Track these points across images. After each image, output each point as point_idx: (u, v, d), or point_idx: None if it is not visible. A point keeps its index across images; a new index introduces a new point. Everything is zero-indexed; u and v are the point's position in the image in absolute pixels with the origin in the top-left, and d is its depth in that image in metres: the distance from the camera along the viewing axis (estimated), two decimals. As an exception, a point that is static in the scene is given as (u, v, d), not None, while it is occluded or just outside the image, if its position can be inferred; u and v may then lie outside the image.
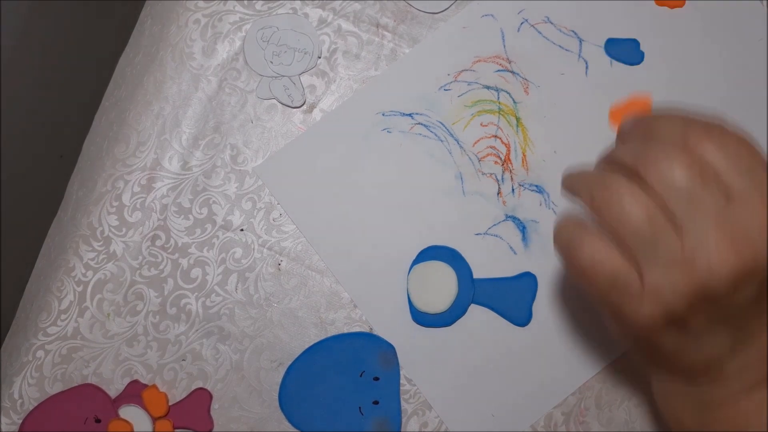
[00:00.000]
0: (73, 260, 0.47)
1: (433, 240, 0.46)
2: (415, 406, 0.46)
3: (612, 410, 0.45)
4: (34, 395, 0.46)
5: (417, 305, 0.45)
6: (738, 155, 0.30)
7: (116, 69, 0.49)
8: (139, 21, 0.49)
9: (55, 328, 0.46)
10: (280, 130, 0.47)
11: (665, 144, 0.30)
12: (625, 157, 0.31)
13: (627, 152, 0.31)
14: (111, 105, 0.49)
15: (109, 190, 0.47)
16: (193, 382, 0.46)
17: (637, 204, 0.30)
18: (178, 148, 0.47)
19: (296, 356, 0.46)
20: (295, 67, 0.47)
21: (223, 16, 0.47)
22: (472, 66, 0.47)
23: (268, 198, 0.47)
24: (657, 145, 0.31)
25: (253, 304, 0.46)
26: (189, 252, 0.46)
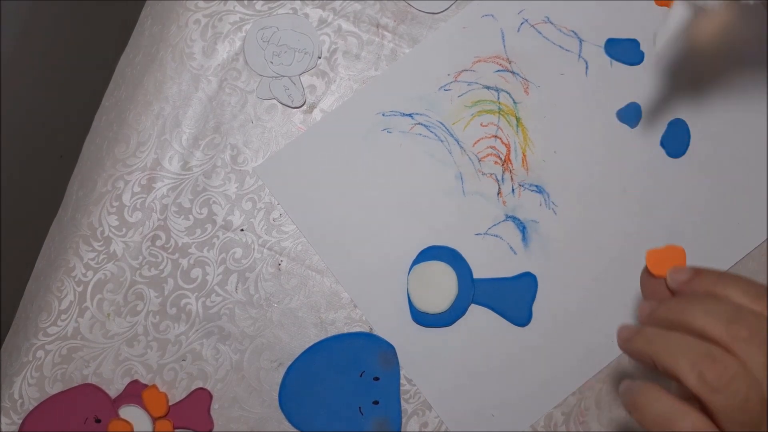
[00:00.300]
0: (73, 260, 0.47)
1: (433, 240, 0.46)
2: (415, 406, 0.46)
3: (612, 410, 0.45)
4: (34, 395, 0.46)
5: (417, 305, 0.45)
6: None
7: (116, 69, 0.49)
8: (139, 21, 0.49)
9: (55, 328, 0.46)
10: (280, 130, 0.47)
11: (749, 320, 0.30)
12: (710, 328, 0.31)
13: (709, 321, 0.31)
14: (111, 105, 0.49)
15: (109, 190, 0.47)
16: (193, 382, 0.46)
17: (753, 389, 0.30)
18: (178, 148, 0.47)
19: (296, 356, 0.46)
20: (295, 67, 0.47)
21: (223, 17, 0.47)
22: (472, 66, 0.47)
23: (268, 198, 0.47)
24: (742, 320, 0.30)
25: (253, 304, 0.46)
26: (189, 252, 0.46)
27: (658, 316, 0.34)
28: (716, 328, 0.30)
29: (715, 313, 0.31)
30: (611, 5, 0.47)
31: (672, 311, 0.33)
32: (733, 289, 0.32)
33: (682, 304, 0.33)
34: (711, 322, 0.31)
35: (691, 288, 0.34)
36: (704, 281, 0.33)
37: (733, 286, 0.32)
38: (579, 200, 0.46)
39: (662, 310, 0.33)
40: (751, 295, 0.32)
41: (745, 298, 0.32)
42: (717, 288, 0.33)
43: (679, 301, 0.33)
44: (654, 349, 0.32)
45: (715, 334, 0.30)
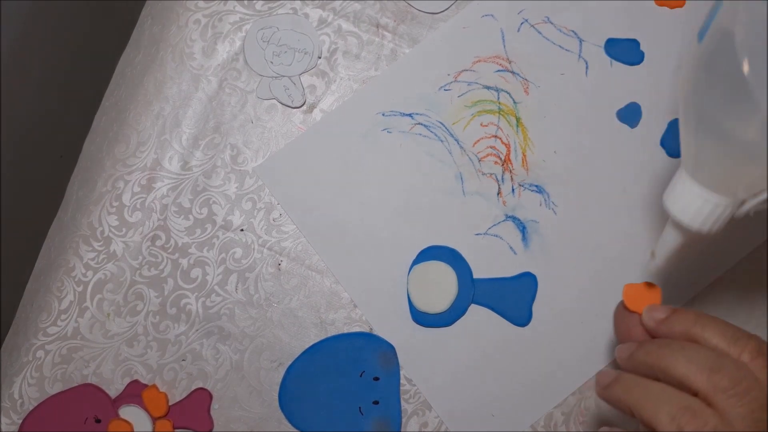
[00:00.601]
0: (73, 260, 0.47)
1: (433, 240, 0.46)
2: (415, 406, 0.46)
3: (612, 410, 0.45)
4: (34, 395, 0.46)
5: (417, 305, 0.45)
6: None
7: (116, 69, 0.49)
8: (139, 21, 0.49)
9: (55, 328, 0.46)
10: (280, 130, 0.47)
11: (730, 369, 0.30)
12: (692, 377, 0.31)
13: (691, 369, 0.31)
14: (111, 105, 0.49)
15: (109, 190, 0.47)
16: (193, 382, 0.46)
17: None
18: (178, 148, 0.47)
19: (296, 356, 0.46)
20: (295, 67, 0.47)
21: (223, 16, 0.47)
22: (472, 66, 0.47)
23: (268, 198, 0.47)
24: (723, 369, 0.30)
25: (253, 304, 0.46)
26: (189, 252, 0.46)
27: (637, 359, 0.34)
28: (698, 377, 0.30)
29: (697, 361, 0.31)
30: (611, 5, 0.47)
31: (651, 355, 0.33)
32: (711, 332, 0.32)
33: (663, 349, 0.32)
34: (693, 370, 0.31)
35: (668, 328, 0.34)
36: (681, 322, 0.33)
37: (710, 328, 0.32)
38: (579, 200, 0.46)
39: (641, 354, 0.33)
40: (728, 338, 0.32)
41: (722, 341, 0.32)
42: (694, 330, 0.32)
43: (660, 345, 0.33)
44: (633, 398, 0.32)
45: (696, 384, 0.30)
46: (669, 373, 0.31)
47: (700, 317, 0.33)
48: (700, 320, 0.33)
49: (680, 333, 0.33)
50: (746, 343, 0.31)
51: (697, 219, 0.31)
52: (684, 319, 0.33)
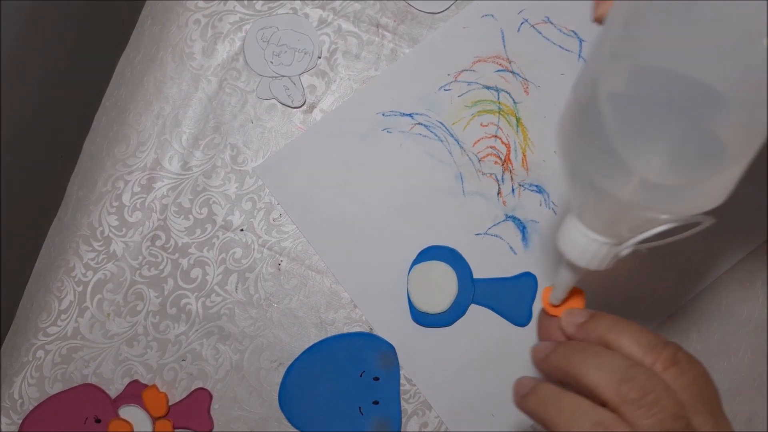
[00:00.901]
0: (73, 260, 0.47)
1: (433, 240, 0.46)
2: (415, 406, 0.46)
3: (612, 410, 0.45)
4: (34, 395, 0.46)
5: (417, 305, 0.45)
6: (696, 385, 0.31)
7: (116, 69, 0.49)
8: (139, 21, 0.49)
9: (55, 328, 0.46)
10: (280, 130, 0.47)
11: (639, 379, 0.30)
12: (601, 388, 0.30)
13: (601, 378, 0.30)
14: (111, 105, 0.49)
15: (109, 190, 0.47)
16: (193, 382, 0.46)
17: None
18: (178, 148, 0.47)
19: (296, 356, 0.46)
20: (295, 67, 0.47)
21: (223, 16, 0.47)
22: (472, 66, 0.47)
23: (268, 198, 0.47)
24: (633, 379, 0.30)
25: (253, 304, 0.46)
26: (189, 252, 0.46)
27: (551, 363, 0.33)
28: (607, 387, 0.30)
29: (608, 370, 0.30)
30: (611, 5, 0.47)
31: (565, 360, 0.32)
32: (626, 339, 0.32)
33: (576, 355, 0.32)
34: (602, 380, 0.30)
35: (585, 334, 0.33)
36: (597, 328, 0.33)
37: (625, 335, 0.32)
38: (579, 200, 0.46)
39: (556, 357, 0.33)
40: (643, 346, 0.31)
41: (637, 349, 0.31)
42: (610, 336, 0.32)
43: (574, 350, 0.33)
44: (547, 413, 0.32)
45: (605, 395, 0.30)
46: (580, 382, 0.31)
47: (617, 323, 0.33)
48: (616, 326, 0.32)
49: (596, 339, 0.33)
50: (661, 351, 0.31)
51: (584, 258, 0.32)
52: (600, 325, 0.33)
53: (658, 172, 0.28)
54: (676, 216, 0.29)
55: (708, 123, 0.27)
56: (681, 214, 0.29)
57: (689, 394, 0.30)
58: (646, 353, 0.31)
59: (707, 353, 0.45)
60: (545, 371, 0.34)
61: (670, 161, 0.28)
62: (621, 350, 0.31)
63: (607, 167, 0.29)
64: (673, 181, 0.28)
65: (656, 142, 0.27)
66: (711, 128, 0.27)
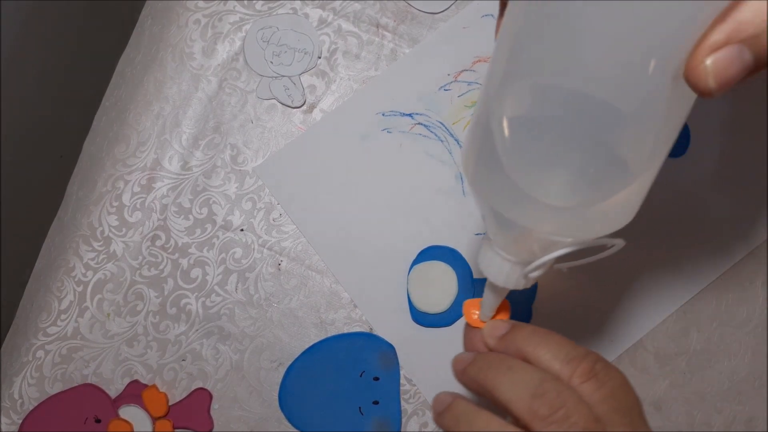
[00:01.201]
0: (73, 260, 0.47)
1: (433, 240, 0.46)
2: (415, 406, 0.46)
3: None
4: (34, 395, 0.46)
5: (417, 305, 0.45)
6: (614, 397, 0.30)
7: (116, 69, 0.49)
8: (139, 21, 0.49)
9: (55, 328, 0.46)
10: (280, 130, 0.47)
11: (551, 395, 0.29)
12: (513, 404, 0.30)
13: (514, 394, 0.30)
14: (111, 105, 0.49)
15: (109, 190, 0.47)
16: (193, 382, 0.46)
17: None
18: (178, 148, 0.47)
19: (296, 356, 0.46)
20: (295, 67, 0.47)
21: (223, 16, 0.47)
22: (473, 66, 0.47)
23: (268, 198, 0.47)
24: (544, 395, 0.29)
25: (253, 304, 0.46)
26: (189, 252, 0.46)
27: (469, 375, 0.33)
28: (519, 404, 0.29)
29: (519, 386, 0.30)
30: (611, 5, 0.47)
31: (481, 374, 0.32)
32: (544, 351, 0.31)
33: (491, 370, 0.32)
34: (515, 395, 0.30)
35: (505, 346, 0.33)
36: (516, 340, 0.32)
37: (543, 347, 0.31)
38: (579, 200, 0.46)
39: (472, 370, 0.33)
40: (561, 358, 0.31)
41: (555, 361, 0.31)
42: (528, 348, 0.32)
43: (489, 364, 0.32)
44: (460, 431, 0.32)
45: (517, 412, 0.30)
46: (495, 397, 0.31)
47: (535, 335, 0.32)
48: (534, 338, 0.32)
49: (515, 351, 0.32)
50: (579, 363, 0.30)
51: (500, 277, 0.32)
52: (519, 337, 0.32)
53: (556, 197, 0.27)
54: (581, 239, 0.28)
55: (607, 141, 0.25)
56: (586, 236, 0.28)
57: (607, 407, 0.29)
58: (563, 366, 0.30)
59: (707, 353, 0.45)
60: (464, 384, 0.34)
61: (569, 185, 0.27)
62: (539, 363, 0.31)
63: (504, 193, 0.28)
64: (574, 203, 0.27)
65: (552, 166, 0.26)
66: (610, 147, 0.26)
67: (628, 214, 0.29)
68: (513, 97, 0.26)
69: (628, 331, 0.45)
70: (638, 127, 0.25)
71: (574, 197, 0.27)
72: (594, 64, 0.24)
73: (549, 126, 0.26)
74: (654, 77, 0.24)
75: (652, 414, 0.45)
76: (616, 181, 0.27)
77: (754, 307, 0.46)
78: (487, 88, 0.28)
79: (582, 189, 0.27)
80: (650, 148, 0.27)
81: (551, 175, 0.27)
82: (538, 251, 0.30)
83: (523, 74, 0.26)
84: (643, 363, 0.45)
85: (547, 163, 0.26)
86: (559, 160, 0.26)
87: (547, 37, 0.25)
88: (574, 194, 0.27)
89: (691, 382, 0.45)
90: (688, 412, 0.45)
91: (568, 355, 0.31)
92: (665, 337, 0.45)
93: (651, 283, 0.46)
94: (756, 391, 0.45)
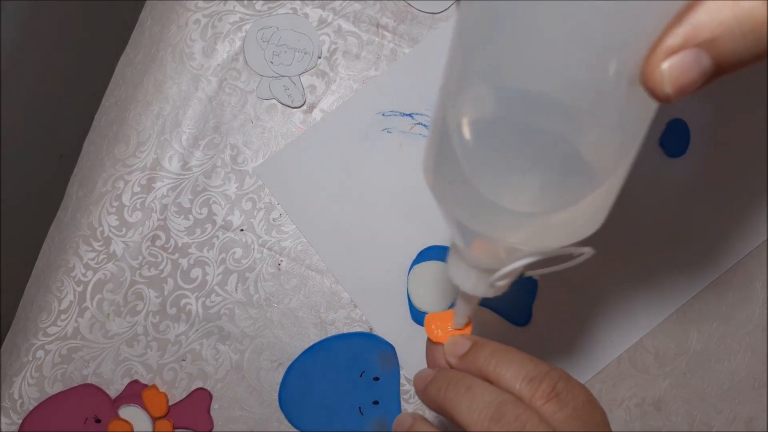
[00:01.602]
0: (73, 260, 0.47)
1: (433, 240, 0.46)
2: (415, 406, 0.46)
3: (612, 410, 0.45)
4: (34, 395, 0.46)
5: (417, 305, 0.45)
6: (577, 417, 0.29)
7: (116, 69, 0.49)
8: (139, 21, 0.49)
9: (55, 328, 0.46)
10: (280, 130, 0.47)
11: (508, 419, 0.28)
12: (472, 427, 0.29)
13: (472, 419, 0.29)
14: (111, 105, 0.49)
15: (109, 190, 0.47)
16: (193, 382, 0.46)
17: None
18: (178, 148, 0.47)
19: (296, 356, 0.46)
20: (295, 67, 0.47)
21: (223, 16, 0.47)
22: (472, 66, 0.47)
23: (268, 198, 0.47)
24: (502, 418, 0.28)
25: (253, 304, 0.46)
26: (189, 252, 0.46)
27: (429, 395, 0.32)
28: (476, 427, 0.29)
29: (477, 408, 0.29)
30: (611, 5, 0.47)
31: (440, 394, 0.31)
32: (505, 370, 0.30)
33: (450, 390, 0.31)
34: (473, 419, 0.29)
35: (466, 365, 0.32)
36: (477, 359, 0.31)
37: (505, 366, 0.30)
38: (579, 200, 0.46)
39: (432, 390, 0.32)
40: (522, 377, 0.30)
41: (516, 381, 0.30)
42: (489, 368, 0.31)
43: (449, 384, 0.31)
44: None
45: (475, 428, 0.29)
46: (454, 418, 0.30)
47: (496, 353, 0.31)
48: (495, 357, 0.31)
49: (477, 371, 0.31)
50: (540, 382, 0.29)
51: (467, 284, 0.31)
52: (480, 356, 0.31)
53: (519, 203, 0.26)
54: (547, 248, 0.27)
55: (569, 144, 0.24)
56: (552, 245, 0.27)
57: (569, 427, 0.29)
58: (524, 385, 0.30)
59: (707, 353, 0.45)
60: (425, 402, 0.33)
61: (532, 190, 0.25)
62: (500, 383, 0.30)
63: (466, 200, 0.27)
64: (538, 210, 0.26)
65: (514, 170, 0.25)
66: (573, 150, 0.24)
67: (594, 223, 0.28)
68: (470, 100, 0.25)
69: (628, 331, 0.45)
70: (600, 130, 0.24)
71: (539, 203, 0.26)
72: (549, 65, 0.23)
73: (509, 129, 0.25)
74: (612, 79, 0.23)
75: (652, 414, 0.45)
76: (581, 186, 0.26)
77: (754, 307, 0.46)
78: (444, 90, 0.27)
79: (547, 194, 0.26)
80: (615, 152, 0.25)
81: (513, 179, 0.25)
82: (504, 259, 0.29)
83: (479, 77, 0.25)
84: (643, 363, 0.45)
85: (508, 166, 0.25)
86: (521, 164, 0.25)
87: (500, 39, 0.24)
88: (539, 200, 0.26)
89: (691, 382, 0.45)
90: (688, 412, 0.45)
91: (529, 374, 0.30)
92: (665, 337, 0.45)
93: (651, 283, 0.46)
94: (756, 391, 0.45)
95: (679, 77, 0.23)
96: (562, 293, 0.46)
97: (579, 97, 0.23)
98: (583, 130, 0.24)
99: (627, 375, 0.45)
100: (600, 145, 0.25)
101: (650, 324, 0.45)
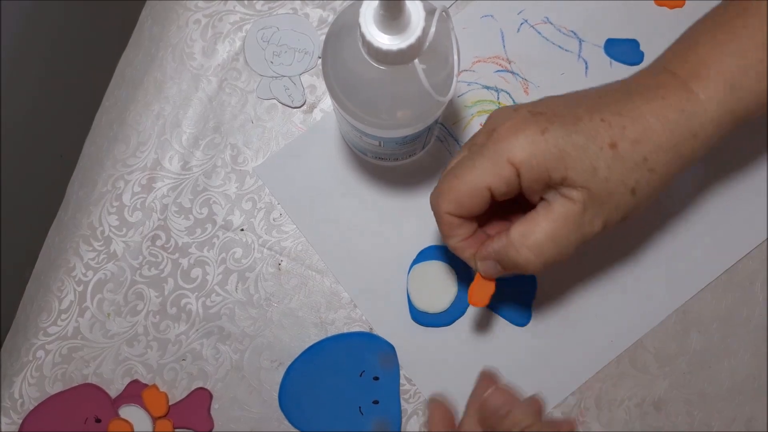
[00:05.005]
0: (74, 260, 0.47)
1: (433, 240, 0.46)
2: (415, 406, 0.46)
3: (612, 410, 0.45)
4: (34, 395, 0.46)
5: (417, 305, 0.45)
6: None
7: (116, 69, 0.49)
8: (139, 21, 0.49)
9: (55, 328, 0.46)
10: (280, 130, 0.47)
11: None
12: None
13: None
14: (111, 105, 0.49)
15: (109, 190, 0.47)
16: (193, 382, 0.46)
17: None
18: (178, 148, 0.47)
19: (296, 356, 0.46)
20: (296, 67, 0.47)
21: (223, 16, 0.48)
22: (472, 66, 0.47)
23: (268, 198, 0.47)
24: None
25: (253, 304, 0.46)
26: (189, 252, 0.46)
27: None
28: None
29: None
30: (611, 5, 0.47)
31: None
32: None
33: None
34: None
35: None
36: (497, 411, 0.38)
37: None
38: (579, 200, 0.46)
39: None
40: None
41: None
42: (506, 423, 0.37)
43: None
44: None
45: None
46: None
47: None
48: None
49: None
50: None
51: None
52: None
53: None
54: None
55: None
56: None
57: None
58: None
59: (707, 353, 0.45)
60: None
61: None
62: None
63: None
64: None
65: None
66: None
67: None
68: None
69: (628, 331, 0.45)
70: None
71: None
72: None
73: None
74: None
75: (652, 414, 0.45)
76: None
77: (754, 307, 0.46)
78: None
79: None
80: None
81: None
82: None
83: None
84: (643, 363, 0.45)
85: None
86: None
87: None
88: None
89: (691, 382, 0.45)
90: (688, 412, 0.45)
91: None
92: (665, 337, 0.45)
93: (651, 283, 0.46)
94: (756, 391, 0.45)
95: (486, 272, 0.38)
96: (562, 293, 0.46)
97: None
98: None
99: (627, 375, 0.45)
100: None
101: (650, 324, 0.45)
